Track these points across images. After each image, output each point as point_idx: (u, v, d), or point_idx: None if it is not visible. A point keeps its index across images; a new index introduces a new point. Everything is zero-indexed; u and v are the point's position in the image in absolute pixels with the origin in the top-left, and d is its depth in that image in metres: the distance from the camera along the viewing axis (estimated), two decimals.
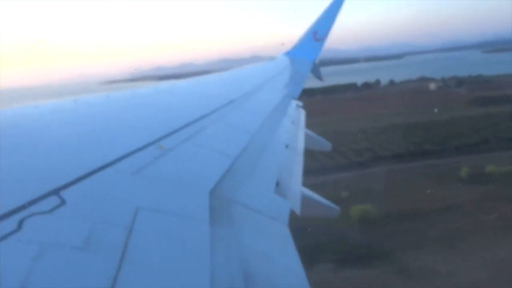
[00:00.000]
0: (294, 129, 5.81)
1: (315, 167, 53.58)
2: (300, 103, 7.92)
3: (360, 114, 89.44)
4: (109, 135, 3.14)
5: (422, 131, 68.80)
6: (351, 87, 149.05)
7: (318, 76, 13.23)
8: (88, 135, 3.04)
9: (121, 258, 1.65)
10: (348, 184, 46.82)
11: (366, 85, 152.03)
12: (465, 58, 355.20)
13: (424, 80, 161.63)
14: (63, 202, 1.93)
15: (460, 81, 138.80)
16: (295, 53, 13.14)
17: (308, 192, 4.41)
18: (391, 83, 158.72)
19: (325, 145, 7.66)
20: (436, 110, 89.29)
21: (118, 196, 2.22)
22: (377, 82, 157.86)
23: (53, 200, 1.93)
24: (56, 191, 2.01)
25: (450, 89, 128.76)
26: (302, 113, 7.30)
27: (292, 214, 3.07)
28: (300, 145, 5.28)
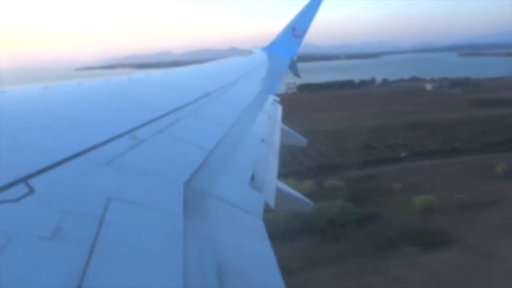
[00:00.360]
0: (271, 123, 5.82)
1: (359, 160, 56.57)
2: (277, 98, 7.92)
3: (373, 111, 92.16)
4: (81, 124, 3.06)
5: (445, 129, 72.71)
6: (348, 84, 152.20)
7: (296, 73, 13.34)
8: (60, 123, 2.96)
9: (91, 249, 1.61)
10: (395, 178, 49.86)
11: (363, 83, 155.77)
12: (444, 61, 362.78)
13: (415, 80, 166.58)
14: (31, 190, 1.87)
15: (452, 83, 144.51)
16: (273, 48, 13.11)
17: (283, 186, 4.41)
18: (385, 82, 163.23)
19: (301, 140, 7.71)
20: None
21: (90, 186, 2.16)
22: (372, 80, 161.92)
23: (21, 188, 1.86)
24: (24, 179, 1.94)
25: (445, 90, 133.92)
26: (279, 108, 7.32)
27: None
28: (276, 140, 5.27)
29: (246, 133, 4.58)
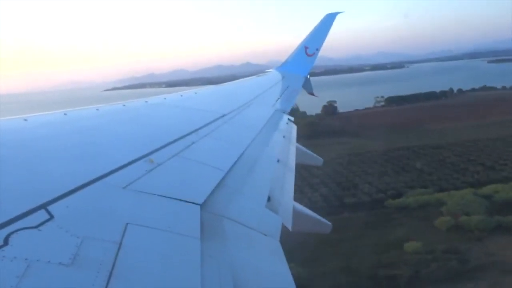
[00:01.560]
0: (286, 144, 5.83)
1: None
2: (292, 118, 7.86)
3: (497, 120, 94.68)
4: (99, 149, 3.14)
5: None
6: (431, 95, 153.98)
7: (310, 91, 13.22)
8: (78, 149, 3.03)
9: (109, 275, 1.63)
10: None
11: (443, 93, 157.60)
12: (479, 68, 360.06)
13: (488, 89, 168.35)
14: (51, 217, 1.91)
15: None
16: (287, 68, 13.19)
17: (300, 207, 4.39)
18: (460, 91, 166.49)
19: (317, 160, 7.56)
20: None
21: (108, 211, 2.21)
22: (451, 90, 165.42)
23: (41, 215, 1.91)
24: (44, 206, 1.99)
25: None
26: (294, 128, 7.26)
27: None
28: (292, 160, 5.28)
29: (262, 154, 4.59)
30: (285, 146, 5.72)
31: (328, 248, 35.27)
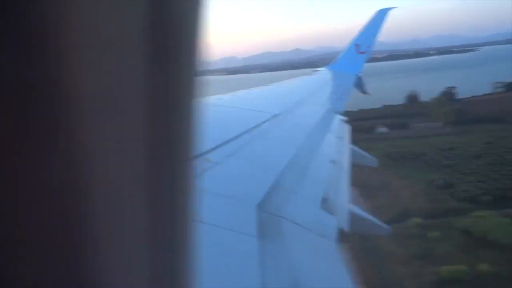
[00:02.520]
0: (339, 144, 5.75)
1: None
2: (344, 118, 7.72)
3: None
4: None
5: None
6: None
7: (362, 90, 12.76)
8: None
9: None
10: None
11: None
12: None
13: None
14: None
15: None
16: (338, 66, 12.89)
17: (356, 209, 4.33)
18: None
19: (372, 161, 7.41)
20: None
21: None
22: None
23: None
24: None
25: None
26: (346, 128, 7.10)
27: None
28: (346, 160, 5.19)
29: (316, 154, 4.56)
30: (339, 146, 5.64)
31: None
